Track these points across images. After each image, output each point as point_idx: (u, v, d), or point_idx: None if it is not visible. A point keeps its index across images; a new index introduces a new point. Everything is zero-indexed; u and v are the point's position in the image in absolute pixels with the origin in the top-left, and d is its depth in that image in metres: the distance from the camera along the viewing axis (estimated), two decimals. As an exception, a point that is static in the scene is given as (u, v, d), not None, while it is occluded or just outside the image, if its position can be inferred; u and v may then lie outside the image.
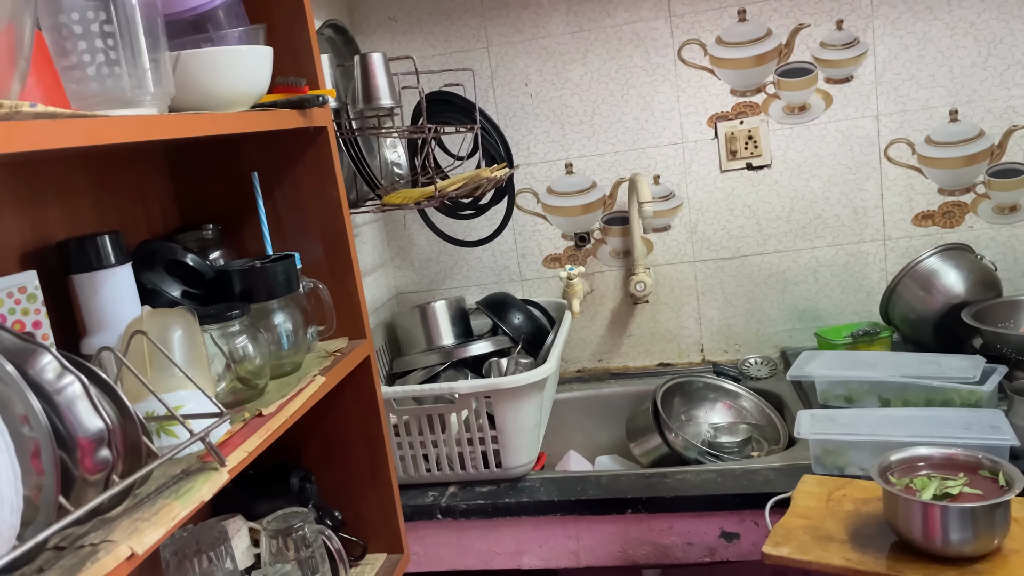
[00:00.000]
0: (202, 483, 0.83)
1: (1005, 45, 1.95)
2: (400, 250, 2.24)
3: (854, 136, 2.05)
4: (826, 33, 2.01)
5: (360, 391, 1.33)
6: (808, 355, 1.83)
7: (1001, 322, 1.78)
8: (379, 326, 2.03)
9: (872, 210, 2.08)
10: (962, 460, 1.24)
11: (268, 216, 1.24)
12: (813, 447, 1.49)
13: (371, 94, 1.44)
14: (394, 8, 2.10)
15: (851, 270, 2.11)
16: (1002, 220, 2.04)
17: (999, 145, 2.01)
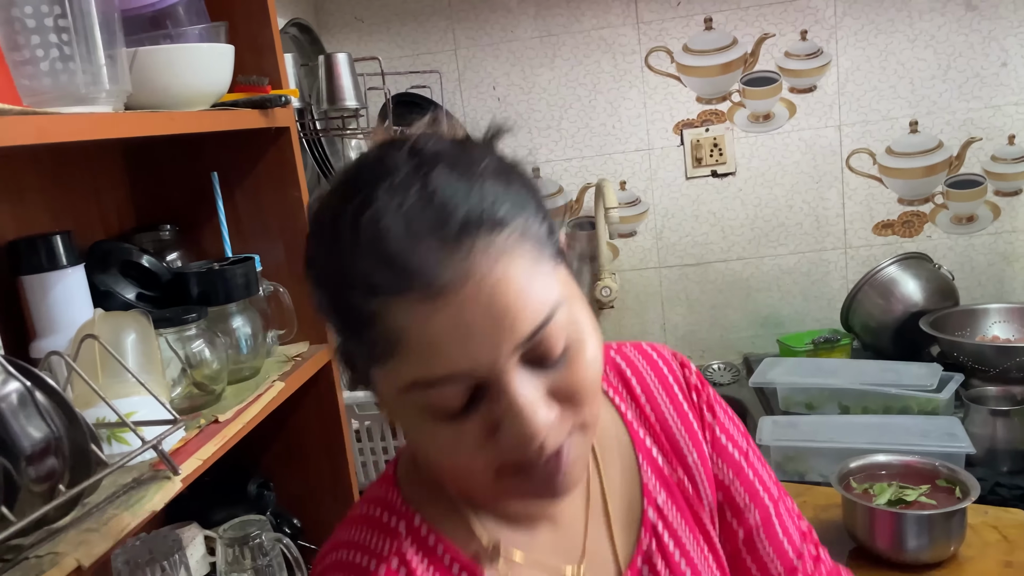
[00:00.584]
0: (154, 492, 0.81)
1: (964, 58, 1.99)
2: (364, 253, 2.22)
3: (817, 145, 2.07)
4: (791, 43, 2.03)
5: (321, 396, 1.30)
6: (770, 362, 1.85)
7: (958, 330, 1.81)
8: (342, 329, 2.01)
9: (834, 219, 2.11)
10: (920, 468, 1.26)
11: (228, 217, 1.22)
12: (774, 454, 1.50)
13: (335, 95, 1.42)
14: (361, 8, 2.08)
15: (813, 278, 2.14)
16: (959, 230, 2.08)
17: (957, 156, 2.04)
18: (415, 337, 0.50)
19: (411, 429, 0.57)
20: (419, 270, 0.50)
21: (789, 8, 2.01)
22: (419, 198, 0.51)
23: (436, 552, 0.62)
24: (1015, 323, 1.82)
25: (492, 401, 0.52)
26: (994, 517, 1.25)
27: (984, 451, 1.41)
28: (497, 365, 0.51)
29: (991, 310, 1.85)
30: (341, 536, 0.64)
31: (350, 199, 0.53)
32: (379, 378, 0.55)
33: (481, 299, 0.50)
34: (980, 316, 1.85)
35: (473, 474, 0.55)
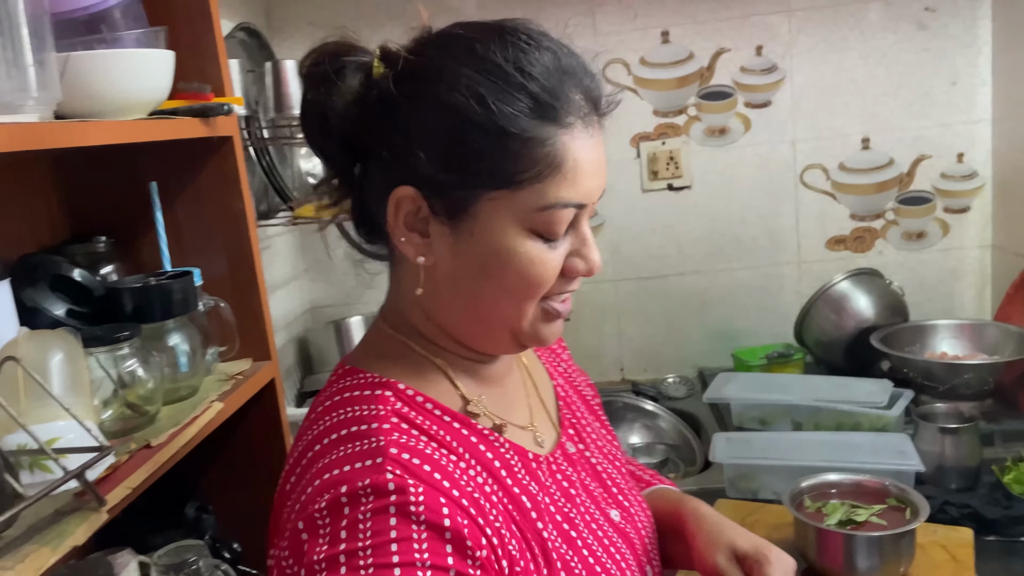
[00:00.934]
0: (76, 525, 0.76)
1: (915, 77, 2.01)
2: (316, 262, 2.17)
3: (771, 160, 2.08)
4: (746, 58, 2.04)
5: (264, 415, 1.26)
6: (724, 377, 1.84)
7: (907, 346, 1.83)
8: (291, 342, 1.96)
9: (788, 233, 2.12)
10: (870, 487, 1.25)
11: (167, 229, 1.17)
12: (728, 471, 1.49)
13: (283, 102, 1.38)
14: (314, 13, 2.04)
15: (767, 292, 2.15)
16: (909, 247, 2.11)
17: (908, 173, 2.07)
18: (572, 164, 0.66)
19: (506, 253, 0.67)
20: (588, 109, 0.67)
21: (745, 24, 2.02)
22: (584, 68, 0.69)
23: (425, 407, 0.71)
24: (963, 339, 1.84)
25: (573, 235, 0.69)
26: (943, 536, 1.26)
27: (933, 468, 1.42)
28: (592, 206, 0.70)
29: (940, 326, 1.88)
30: (323, 421, 0.69)
31: (536, 43, 0.67)
32: (506, 202, 0.65)
33: (602, 151, 0.69)
34: (929, 332, 1.87)
35: (543, 287, 0.69)
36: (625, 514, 0.83)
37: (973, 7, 1.97)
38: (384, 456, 0.63)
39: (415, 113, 0.66)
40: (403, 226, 0.69)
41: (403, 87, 0.67)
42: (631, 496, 0.87)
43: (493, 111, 0.64)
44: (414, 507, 0.61)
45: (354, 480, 0.62)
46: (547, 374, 0.90)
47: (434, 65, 0.67)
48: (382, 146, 0.68)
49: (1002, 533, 1.27)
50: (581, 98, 0.67)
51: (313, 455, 0.67)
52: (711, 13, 2.02)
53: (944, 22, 1.98)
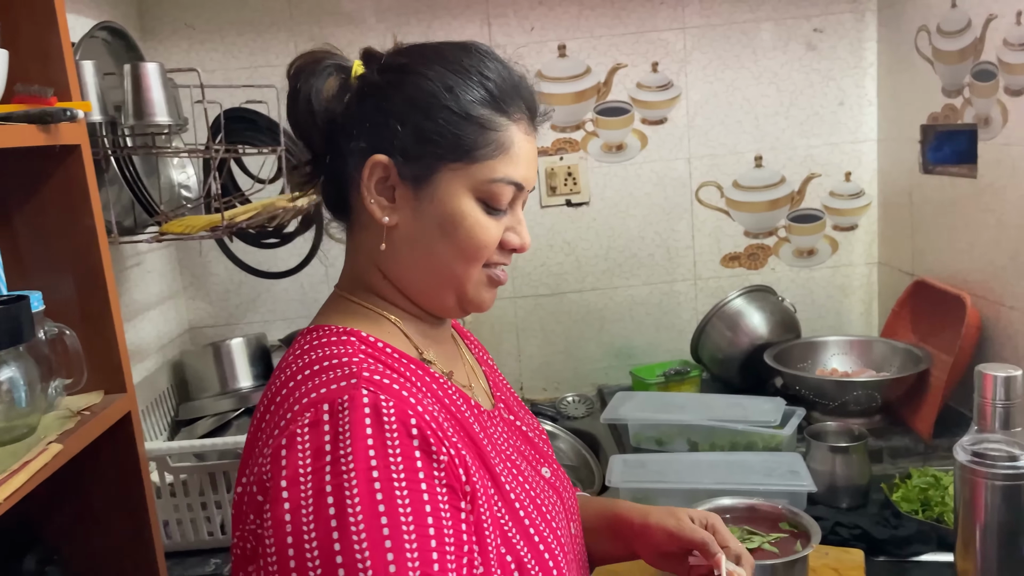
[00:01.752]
0: None
1: (805, 96, 2.05)
2: (194, 279, 2.03)
3: (668, 177, 2.08)
4: (642, 74, 2.03)
5: (119, 452, 1.14)
6: (622, 396, 1.81)
7: (799, 363, 1.85)
8: (165, 366, 1.82)
9: (684, 250, 2.12)
10: (764, 512, 1.23)
11: (4, 248, 1.04)
12: (624, 495, 1.45)
13: (144, 109, 1.26)
14: (191, 15, 1.91)
15: (664, 309, 2.14)
16: (801, 263, 2.14)
17: (799, 191, 2.10)
18: (517, 150, 0.81)
19: (459, 215, 0.79)
20: (527, 113, 0.83)
21: (640, 40, 2.01)
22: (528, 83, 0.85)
23: (386, 351, 0.80)
24: (852, 355, 1.87)
25: (510, 215, 0.82)
26: (835, 559, 1.25)
27: (825, 488, 1.42)
28: (526, 192, 0.83)
29: (830, 343, 1.90)
30: (295, 366, 0.77)
31: (494, 57, 0.82)
32: (462, 173, 0.79)
33: (536, 148, 0.85)
34: (820, 349, 1.89)
35: (487, 250, 0.81)
36: (553, 472, 0.93)
37: (859, 29, 2.02)
38: (358, 377, 0.72)
39: (394, 95, 0.79)
40: (374, 190, 0.80)
41: (385, 76, 0.81)
42: (555, 462, 0.97)
43: (459, 98, 0.78)
44: (386, 416, 0.69)
45: (333, 397, 0.70)
46: (476, 359, 1.00)
47: (412, 60, 0.81)
48: (362, 122, 0.80)
49: (891, 553, 1.27)
50: (523, 103, 0.82)
51: (288, 390, 0.74)
52: (607, 28, 2.00)
53: (832, 43, 2.02)
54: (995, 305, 1.61)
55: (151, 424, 1.66)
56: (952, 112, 1.72)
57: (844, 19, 2.01)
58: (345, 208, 0.86)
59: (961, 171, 1.72)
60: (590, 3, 1.99)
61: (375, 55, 0.84)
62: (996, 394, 1.06)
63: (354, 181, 0.81)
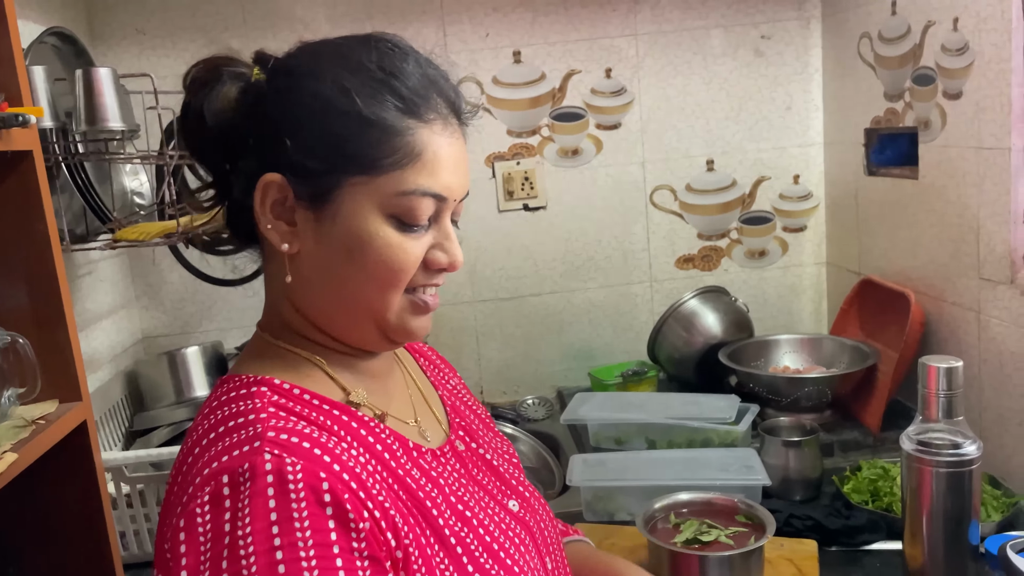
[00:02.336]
0: None
1: (754, 102, 2.10)
2: (148, 288, 2.00)
3: (623, 181, 2.11)
4: (596, 80, 2.06)
5: (76, 462, 1.12)
6: (581, 397, 1.84)
7: (753, 361, 1.89)
8: (119, 376, 1.79)
9: (640, 252, 2.15)
10: (721, 505, 1.26)
11: (-47, 255, 1.02)
12: (584, 494, 1.48)
13: (96, 114, 1.25)
14: (142, 20, 1.89)
15: (621, 310, 2.17)
16: (752, 264, 2.19)
17: (749, 194, 2.15)
18: (431, 156, 0.70)
19: (366, 236, 0.69)
20: (448, 113, 0.73)
21: (594, 46, 2.04)
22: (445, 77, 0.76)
23: (303, 398, 0.71)
24: (803, 353, 1.92)
25: (435, 230, 0.73)
26: (789, 550, 1.28)
27: (779, 481, 1.45)
28: (453, 202, 0.73)
29: (782, 341, 1.95)
30: (201, 428, 0.69)
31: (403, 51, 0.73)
32: (366, 187, 0.69)
33: (462, 151, 0.75)
34: (772, 347, 1.94)
35: (403, 273, 0.71)
36: (524, 504, 0.85)
37: (805, 36, 2.08)
38: (262, 439, 0.64)
39: (284, 104, 0.70)
40: (270, 214, 0.71)
41: (275, 82, 0.72)
42: (529, 488, 0.89)
43: (356, 102, 0.68)
44: (292, 484, 0.61)
45: (233, 467, 0.62)
46: (431, 385, 0.92)
47: (305, 62, 0.72)
48: (252, 138, 0.71)
49: (843, 543, 1.31)
50: (442, 102, 0.73)
51: (193, 457, 0.67)
52: (561, 34, 2.03)
53: (779, 50, 2.08)
54: (937, 301, 1.67)
55: (106, 435, 1.63)
56: (894, 116, 1.78)
57: (790, 26, 2.07)
58: (253, 236, 0.76)
59: (903, 173, 1.78)
60: (544, 10, 2.01)
61: (265, 58, 0.75)
62: (939, 384, 1.11)
63: (252, 203, 0.71)
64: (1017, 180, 1.41)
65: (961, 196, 1.56)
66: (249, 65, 0.75)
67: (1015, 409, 1.46)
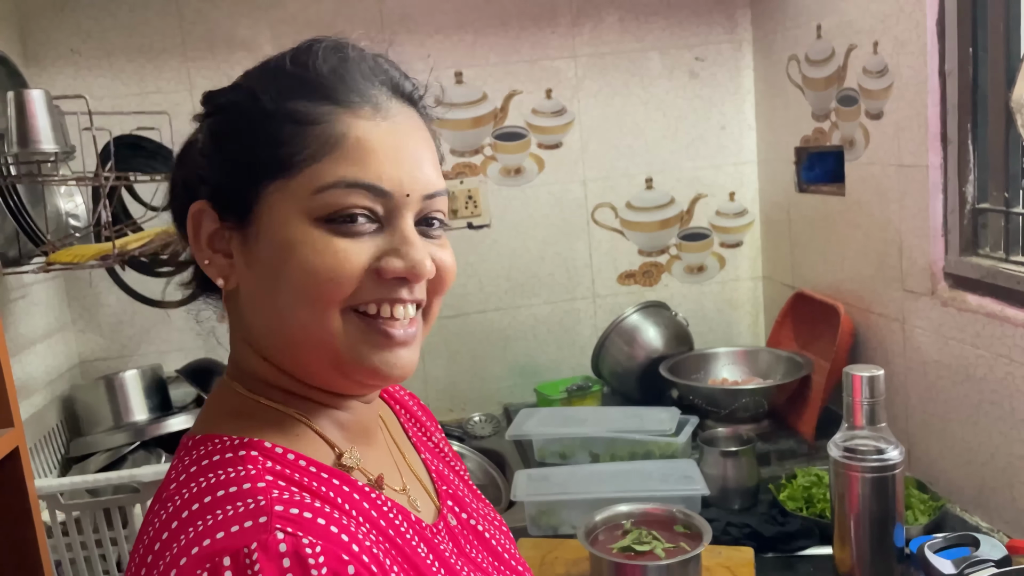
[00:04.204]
0: None
1: (689, 121, 2.16)
2: (84, 311, 1.96)
3: (565, 199, 2.15)
4: (537, 101, 2.10)
5: (6, 490, 1.10)
6: (526, 412, 1.86)
7: (693, 374, 1.93)
8: (54, 401, 1.75)
9: (582, 269, 2.19)
10: (659, 516, 1.29)
11: None
12: (528, 508, 1.49)
13: (28, 136, 1.23)
14: (77, 40, 1.87)
15: (565, 326, 2.20)
16: (691, 280, 2.24)
17: (687, 211, 2.21)
18: (354, 142, 0.61)
19: (288, 244, 0.60)
20: (373, 94, 0.63)
21: (534, 67, 2.08)
22: (375, 57, 0.66)
23: (298, 464, 0.62)
24: (741, 365, 1.97)
25: (389, 234, 0.62)
26: (726, 557, 1.31)
27: (717, 491, 1.49)
28: (406, 198, 0.62)
29: (720, 354, 2.00)
30: (181, 495, 0.58)
31: (318, 43, 0.63)
32: (285, 190, 0.60)
33: (416, 142, 0.64)
34: (711, 360, 1.99)
35: (334, 283, 0.60)
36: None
37: (737, 58, 2.15)
38: (269, 514, 0.53)
39: (205, 128, 0.65)
40: (207, 248, 0.64)
41: (204, 109, 0.67)
42: (519, 563, 0.81)
43: (259, 99, 0.62)
44: (315, 569, 0.51)
45: (237, 545, 0.52)
46: (414, 448, 0.82)
47: (230, 84, 0.67)
48: (181, 173, 0.67)
49: (779, 549, 1.35)
50: (376, 86, 0.63)
51: (171, 532, 0.55)
52: (501, 56, 2.06)
53: (713, 71, 2.14)
54: (865, 312, 1.73)
55: (40, 463, 1.59)
56: (821, 135, 1.86)
57: (723, 48, 2.14)
58: (209, 284, 0.69)
59: (831, 190, 1.85)
60: (485, 31, 2.05)
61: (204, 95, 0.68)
62: (863, 393, 1.15)
63: None
64: (935, 196, 1.48)
65: (884, 212, 1.63)
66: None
67: (939, 415, 1.52)
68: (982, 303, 1.38)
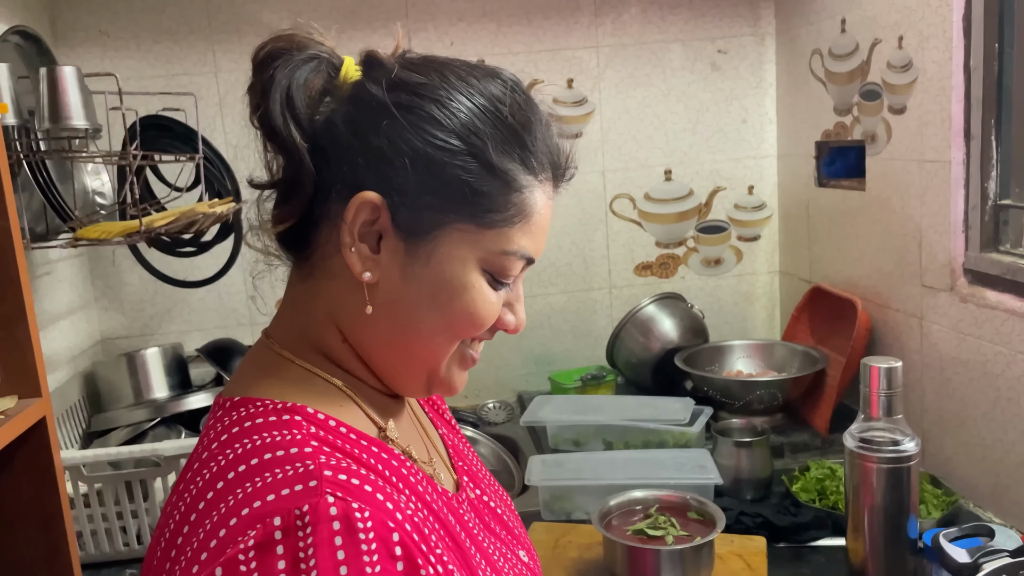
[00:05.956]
0: None
1: (710, 114, 2.16)
2: (107, 289, 1.99)
3: (584, 190, 2.16)
4: (558, 90, 2.11)
5: (33, 459, 1.12)
6: (541, 400, 1.87)
7: (707, 366, 1.94)
8: (76, 377, 1.78)
9: (599, 260, 2.19)
10: (673, 502, 1.30)
11: (-88, 250, 1.02)
12: (542, 493, 1.50)
13: (60, 112, 1.25)
14: (106, 21, 1.89)
15: (581, 316, 2.21)
16: (708, 272, 2.25)
17: (705, 204, 2.21)
18: (537, 217, 0.67)
19: (460, 286, 0.65)
20: (558, 177, 0.70)
21: (556, 57, 2.09)
22: (559, 128, 0.71)
23: (340, 431, 0.64)
24: (755, 358, 1.98)
25: (511, 288, 0.70)
26: (739, 546, 1.32)
27: (730, 481, 1.50)
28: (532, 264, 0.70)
29: (736, 346, 2.00)
30: (224, 456, 0.60)
31: (532, 104, 0.68)
32: (472, 237, 0.65)
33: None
34: (726, 352, 1.99)
35: (483, 328, 0.68)
36: (529, 555, 0.81)
37: (760, 52, 2.14)
38: (319, 479, 0.55)
39: (404, 123, 0.63)
40: (356, 234, 0.64)
41: (395, 94, 0.64)
42: (526, 537, 0.86)
43: (485, 144, 0.64)
44: (363, 534, 0.53)
45: (288, 508, 0.53)
46: (432, 424, 0.86)
47: (432, 84, 0.65)
48: (354, 147, 0.64)
49: (791, 540, 1.36)
50: (551, 163, 0.69)
51: (219, 491, 0.57)
52: (524, 45, 2.07)
53: (735, 64, 2.14)
54: (883, 308, 1.73)
55: (62, 437, 1.62)
56: (843, 129, 1.85)
57: (746, 42, 2.14)
58: (305, 244, 0.68)
59: (851, 184, 1.85)
60: (508, 20, 2.05)
61: (379, 62, 0.67)
62: (880, 384, 1.16)
63: (330, 216, 0.66)
64: (956, 192, 1.48)
65: (905, 207, 1.63)
66: (335, 54, 0.68)
67: (954, 411, 1.52)
68: (1001, 299, 1.38)
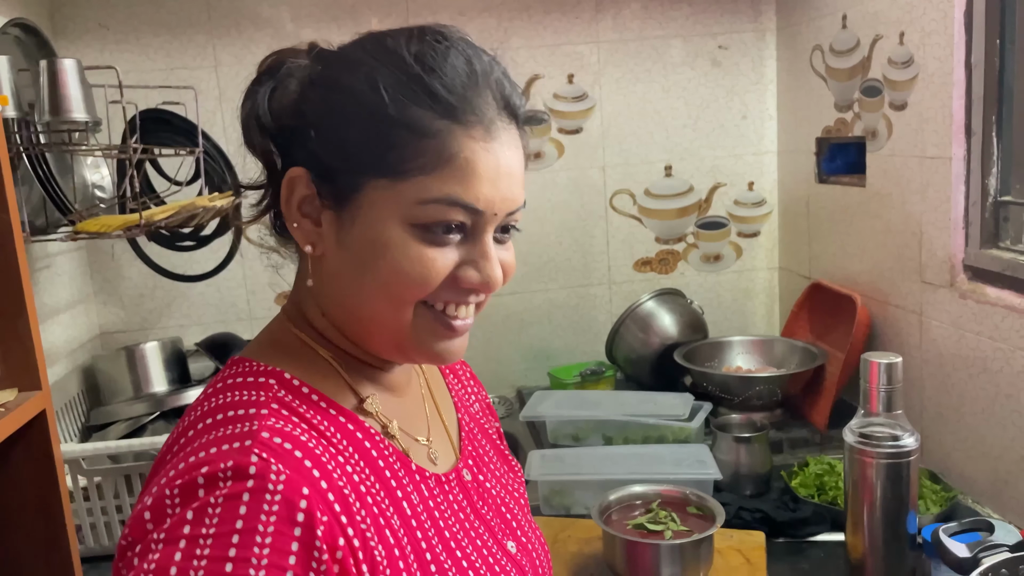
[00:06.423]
0: None
1: (711, 110, 2.16)
2: (106, 283, 1.99)
3: (583, 185, 2.16)
4: (559, 85, 2.10)
5: (33, 451, 1.12)
6: (540, 395, 1.87)
7: (707, 362, 1.94)
8: (75, 371, 1.77)
9: (599, 255, 2.19)
10: (672, 496, 1.30)
11: (-89, 242, 1.02)
12: (542, 488, 1.50)
13: (60, 105, 1.25)
14: (105, 15, 1.88)
15: (581, 311, 2.21)
16: (708, 268, 2.25)
17: (705, 200, 2.21)
18: (463, 162, 0.64)
19: (382, 244, 0.65)
20: (488, 114, 0.65)
21: (557, 52, 2.08)
22: (492, 63, 0.69)
23: (311, 399, 0.67)
24: (755, 354, 1.98)
25: (470, 245, 0.67)
26: (738, 541, 1.33)
27: (729, 476, 1.50)
28: (494, 216, 0.67)
29: (735, 342, 2.00)
30: (201, 408, 0.66)
31: (446, 42, 0.66)
32: (389, 191, 0.64)
33: (511, 162, 0.68)
34: (726, 348, 1.99)
35: (420, 288, 0.65)
36: (521, 547, 0.80)
37: (760, 48, 2.14)
38: (254, 439, 0.60)
39: (316, 96, 0.67)
40: (297, 211, 0.68)
41: (315, 73, 0.68)
42: (530, 530, 0.84)
43: (384, 98, 0.64)
44: (269, 495, 0.57)
45: (216, 462, 0.58)
46: (453, 405, 0.87)
47: (345, 54, 0.68)
48: (287, 129, 0.68)
49: (789, 535, 1.36)
50: (491, 104, 0.66)
51: (185, 440, 0.63)
52: (525, 40, 2.06)
53: (735, 60, 2.14)
54: (882, 304, 1.73)
55: (61, 430, 1.62)
56: (843, 126, 1.85)
57: (746, 38, 2.13)
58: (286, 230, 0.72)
59: (852, 181, 1.85)
60: (508, 15, 2.05)
61: (311, 48, 0.71)
62: (880, 380, 1.16)
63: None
64: (957, 188, 1.48)
65: (905, 203, 1.63)
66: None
67: (954, 407, 1.52)
68: (1001, 296, 1.38)
